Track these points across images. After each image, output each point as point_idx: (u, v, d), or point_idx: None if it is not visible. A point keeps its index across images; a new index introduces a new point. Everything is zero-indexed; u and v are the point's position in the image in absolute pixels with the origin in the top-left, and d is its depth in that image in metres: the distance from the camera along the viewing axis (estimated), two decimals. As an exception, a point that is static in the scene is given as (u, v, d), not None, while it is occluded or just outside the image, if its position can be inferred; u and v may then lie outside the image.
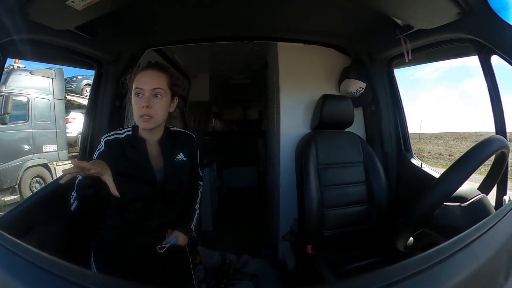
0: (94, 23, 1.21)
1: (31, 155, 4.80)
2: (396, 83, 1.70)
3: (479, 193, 0.82)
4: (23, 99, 4.70)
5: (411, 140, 1.72)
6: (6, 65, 1.07)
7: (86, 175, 0.88)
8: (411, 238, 0.85)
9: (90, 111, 1.60)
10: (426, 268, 0.49)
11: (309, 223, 1.40)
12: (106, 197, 0.96)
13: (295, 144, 1.65)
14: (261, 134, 4.16)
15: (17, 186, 4.62)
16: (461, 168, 0.74)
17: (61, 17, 1.05)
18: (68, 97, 6.04)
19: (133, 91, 1.05)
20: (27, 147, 4.76)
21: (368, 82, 1.74)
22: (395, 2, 1.10)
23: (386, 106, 1.72)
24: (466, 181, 0.74)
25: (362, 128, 1.90)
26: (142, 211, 1.09)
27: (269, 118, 2.52)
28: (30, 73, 4.84)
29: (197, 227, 1.29)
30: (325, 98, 1.57)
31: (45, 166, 5.03)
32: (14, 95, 4.54)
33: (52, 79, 5.09)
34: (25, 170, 4.72)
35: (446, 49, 1.31)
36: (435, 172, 1.45)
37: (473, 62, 1.10)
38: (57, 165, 5.06)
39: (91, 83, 1.70)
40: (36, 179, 4.90)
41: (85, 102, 5.85)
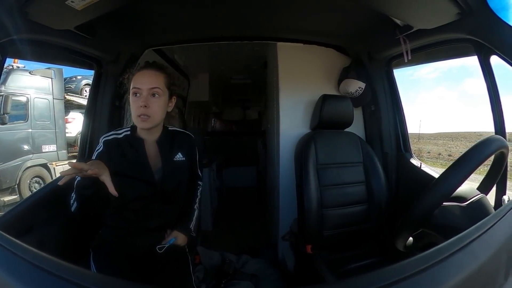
0: (93, 23, 1.21)
1: (31, 155, 4.80)
2: (395, 83, 1.70)
3: (479, 193, 0.82)
4: (23, 99, 4.70)
5: (410, 140, 1.72)
6: (5, 65, 1.07)
7: (84, 176, 0.88)
8: (411, 238, 0.85)
9: (89, 111, 1.60)
10: (425, 268, 0.49)
11: (309, 223, 1.40)
12: (105, 197, 0.97)
13: (295, 144, 1.65)
14: (261, 134, 4.16)
15: (16, 186, 4.62)
16: (461, 168, 0.74)
17: (60, 17, 1.05)
18: (67, 97, 6.05)
19: (131, 91, 1.06)
20: (26, 147, 4.75)
21: (367, 82, 1.74)
22: (394, 2, 1.10)
23: (385, 106, 1.72)
24: (465, 181, 0.74)
25: (361, 128, 1.90)
26: (141, 211, 1.09)
27: (269, 118, 2.51)
28: (29, 73, 4.84)
29: (196, 227, 1.29)
30: (325, 98, 1.57)
31: (45, 166, 5.02)
32: (13, 95, 4.54)
33: (51, 79, 5.09)
34: (25, 170, 4.72)
35: (445, 49, 1.31)
36: (435, 172, 1.45)
37: (472, 62, 1.10)
38: (56, 165, 5.05)
39: (91, 83, 1.70)
40: (35, 179, 4.89)
41: (84, 102, 5.84)
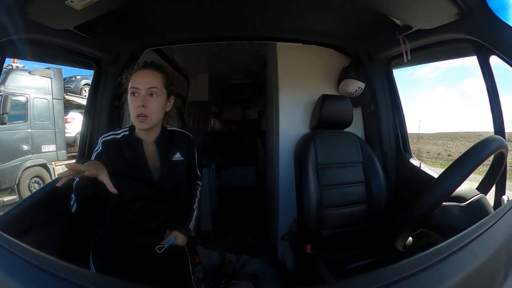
0: (93, 23, 1.21)
1: (30, 155, 4.80)
2: (395, 83, 1.70)
3: (478, 193, 0.82)
4: (22, 99, 4.70)
5: (410, 140, 1.72)
6: (4, 65, 1.07)
7: (82, 177, 0.88)
8: (410, 238, 0.85)
9: (89, 111, 1.60)
10: (425, 268, 0.49)
11: (308, 223, 1.40)
12: (105, 197, 0.97)
13: (294, 144, 1.65)
14: (260, 134, 4.16)
15: (15, 186, 4.62)
16: (460, 168, 0.74)
17: (60, 16, 1.05)
18: (67, 97, 6.04)
19: (129, 91, 1.06)
20: (25, 147, 4.75)
21: (367, 82, 1.74)
22: (394, 2, 1.10)
23: (385, 106, 1.72)
24: (465, 181, 0.74)
25: (361, 128, 1.90)
26: (140, 211, 1.09)
27: (268, 118, 2.51)
28: (29, 73, 4.83)
29: (196, 227, 1.29)
30: (324, 98, 1.57)
31: (44, 166, 5.02)
32: (12, 95, 4.53)
33: (51, 79, 5.09)
34: (24, 170, 4.72)
35: (445, 49, 1.31)
36: (434, 172, 1.45)
37: (472, 62, 1.10)
38: (56, 165, 5.05)
39: (90, 83, 1.70)
40: (34, 179, 4.89)
41: (84, 102, 5.84)
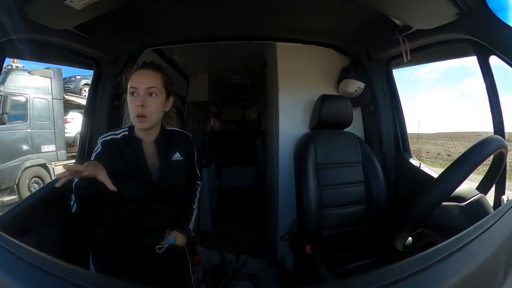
0: (93, 22, 1.21)
1: (30, 155, 4.80)
2: (394, 83, 1.71)
3: (478, 193, 0.82)
4: (22, 99, 4.69)
5: (409, 140, 1.73)
6: (4, 65, 1.07)
7: (81, 177, 0.88)
8: (410, 238, 0.85)
9: (88, 111, 1.59)
10: (424, 268, 0.49)
11: (308, 223, 1.40)
12: (104, 197, 0.96)
13: (294, 144, 1.65)
14: (260, 134, 4.16)
15: (15, 186, 4.61)
16: (460, 168, 0.74)
17: (60, 16, 1.05)
18: (66, 97, 6.05)
19: (128, 91, 1.06)
20: (25, 147, 4.75)
21: (366, 82, 1.74)
22: (393, 2, 1.10)
23: (384, 106, 1.72)
24: (464, 181, 0.74)
25: (360, 128, 1.90)
26: (139, 210, 1.09)
27: (268, 118, 2.51)
28: (28, 72, 4.83)
29: (195, 227, 1.29)
30: (324, 98, 1.57)
31: (44, 166, 5.02)
32: (12, 95, 4.53)
33: (50, 79, 5.09)
34: (24, 170, 4.71)
35: (444, 50, 1.32)
36: (434, 172, 1.45)
37: (471, 62, 1.10)
38: (55, 165, 5.05)
39: (90, 83, 1.70)
40: (34, 179, 4.89)
41: (83, 102, 5.84)
